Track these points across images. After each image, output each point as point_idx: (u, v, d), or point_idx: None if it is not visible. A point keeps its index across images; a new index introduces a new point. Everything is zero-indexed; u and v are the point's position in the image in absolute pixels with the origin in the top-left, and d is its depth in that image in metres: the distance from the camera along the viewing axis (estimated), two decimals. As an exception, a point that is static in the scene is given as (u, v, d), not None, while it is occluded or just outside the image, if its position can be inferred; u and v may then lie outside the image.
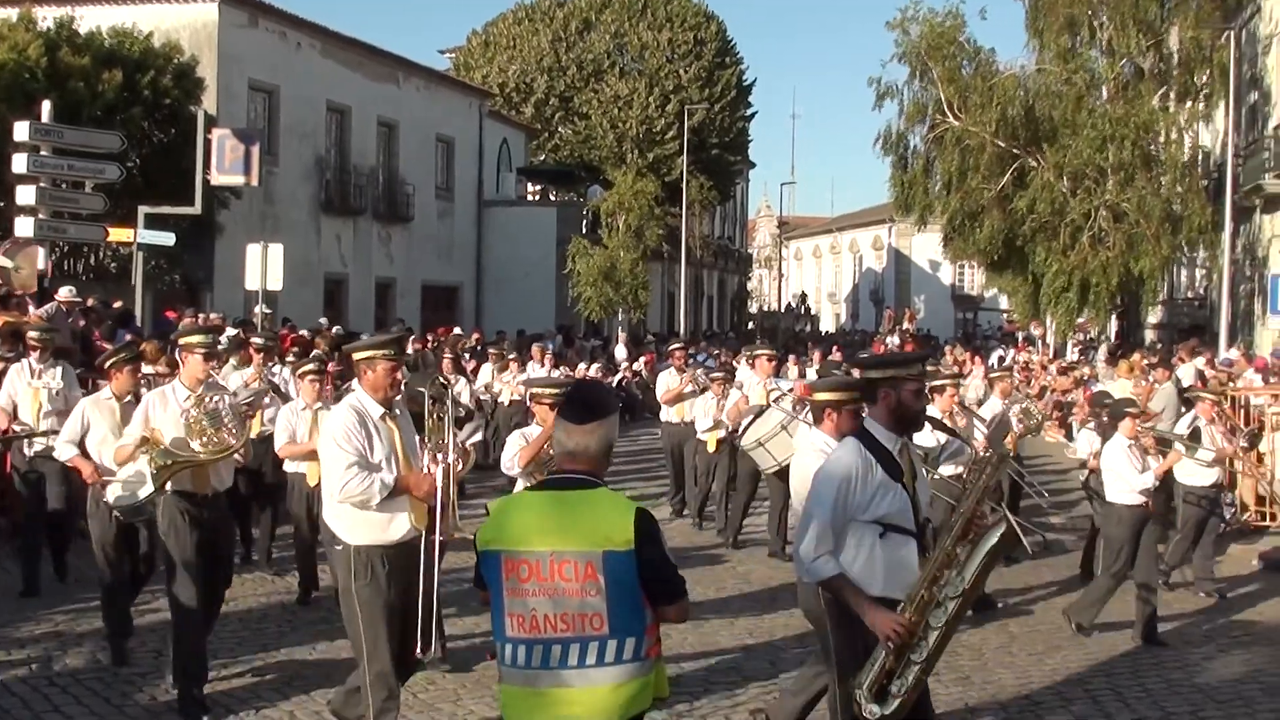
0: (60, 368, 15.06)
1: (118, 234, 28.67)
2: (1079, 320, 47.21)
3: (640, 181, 52.03)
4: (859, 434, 7.52)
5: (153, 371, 19.10)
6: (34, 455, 14.60)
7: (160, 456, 10.18)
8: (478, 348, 34.57)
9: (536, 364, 28.40)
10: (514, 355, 28.10)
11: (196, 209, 30.54)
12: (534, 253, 54.31)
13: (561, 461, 6.04)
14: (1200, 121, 46.26)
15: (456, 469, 9.21)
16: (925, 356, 10.26)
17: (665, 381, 22.05)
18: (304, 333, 30.71)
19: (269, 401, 15.44)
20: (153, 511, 10.91)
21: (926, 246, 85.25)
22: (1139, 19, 43.90)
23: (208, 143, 31.59)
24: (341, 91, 46.78)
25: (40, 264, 25.51)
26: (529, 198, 62.91)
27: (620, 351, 45.32)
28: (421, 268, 51.78)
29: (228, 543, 11.27)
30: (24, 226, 25.21)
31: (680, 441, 21.18)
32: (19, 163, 25.15)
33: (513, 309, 51.27)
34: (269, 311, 31.74)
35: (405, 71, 51.89)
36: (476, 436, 16.67)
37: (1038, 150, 43.74)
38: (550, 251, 53.85)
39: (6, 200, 26.76)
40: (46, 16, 34.60)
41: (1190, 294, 54.91)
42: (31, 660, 11.70)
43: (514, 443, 11.65)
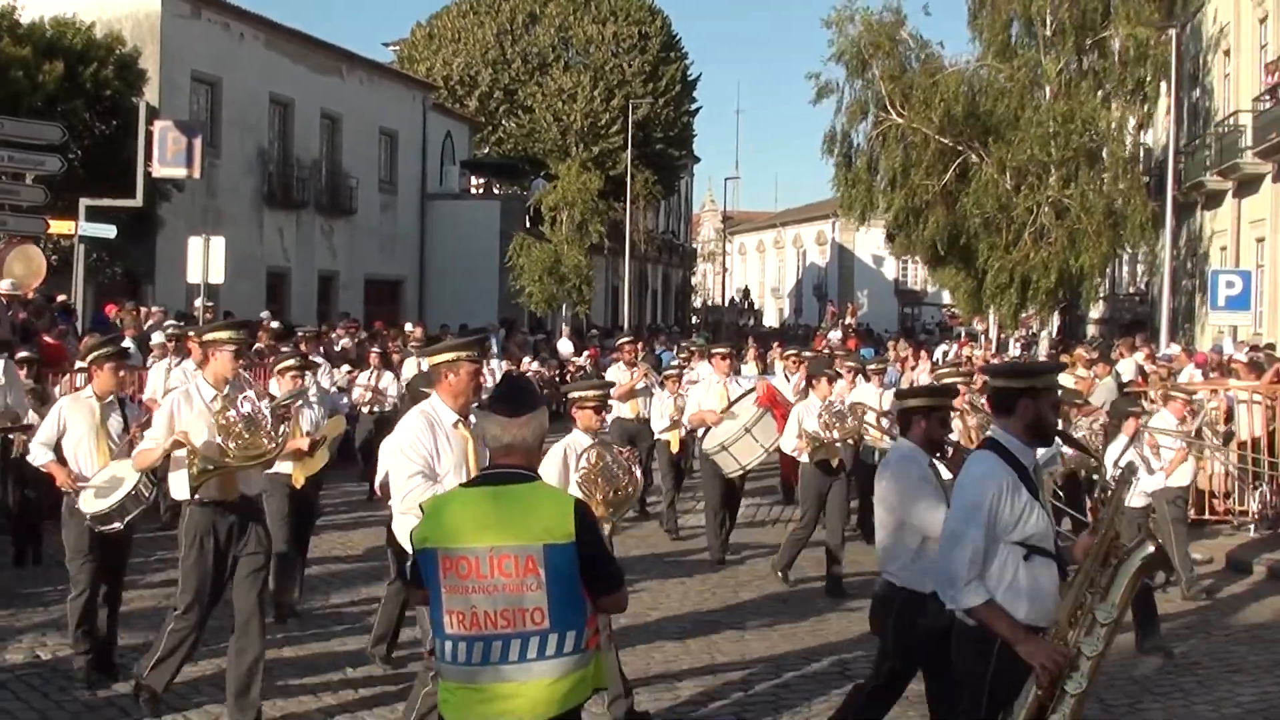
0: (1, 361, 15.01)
1: (59, 226, 28.42)
2: (1022, 316, 47.49)
3: (585, 176, 52.00)
4: (992, 446, 7.10)
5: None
6: None
7: (202, 462, 9.57)
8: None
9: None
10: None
11: (138, 201, 30.32)
12: (477, 246, 54.16)
13: (497, 456, 6.08)
14: (1142, 119, 46.62)
15: None
16: (1060, 367, 9.92)
17: (615, 377, 20.98)
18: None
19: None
20: (131, 517, 10.65)
21: (870, 242, 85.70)
22: (1079, 17, 44.16)
23: (149, 135, 31.40)
24: (285, 84, 46.59)
25: (39, 260, 25.53)
26: (473, 191, 62.76)
27: (564, 346, 45.31)
28: (364, 261, 51.63)
29: (262, 549, 10.14)
30: (-38, 218, 25.08)
31: (632, 438, 19.77)
32: (-42, 154, 25.00)
33: (456, 303, 51.09)
34: (211, 305, 31.62)
35: (349, 64, 51.72)
36: None
37: (981, 147, 43.91)
38: (494, 245, 53.71)
39: (-53, 192, 26.54)
40: (-13, 7, 34.35)
41: (1132, 289, 55.37)
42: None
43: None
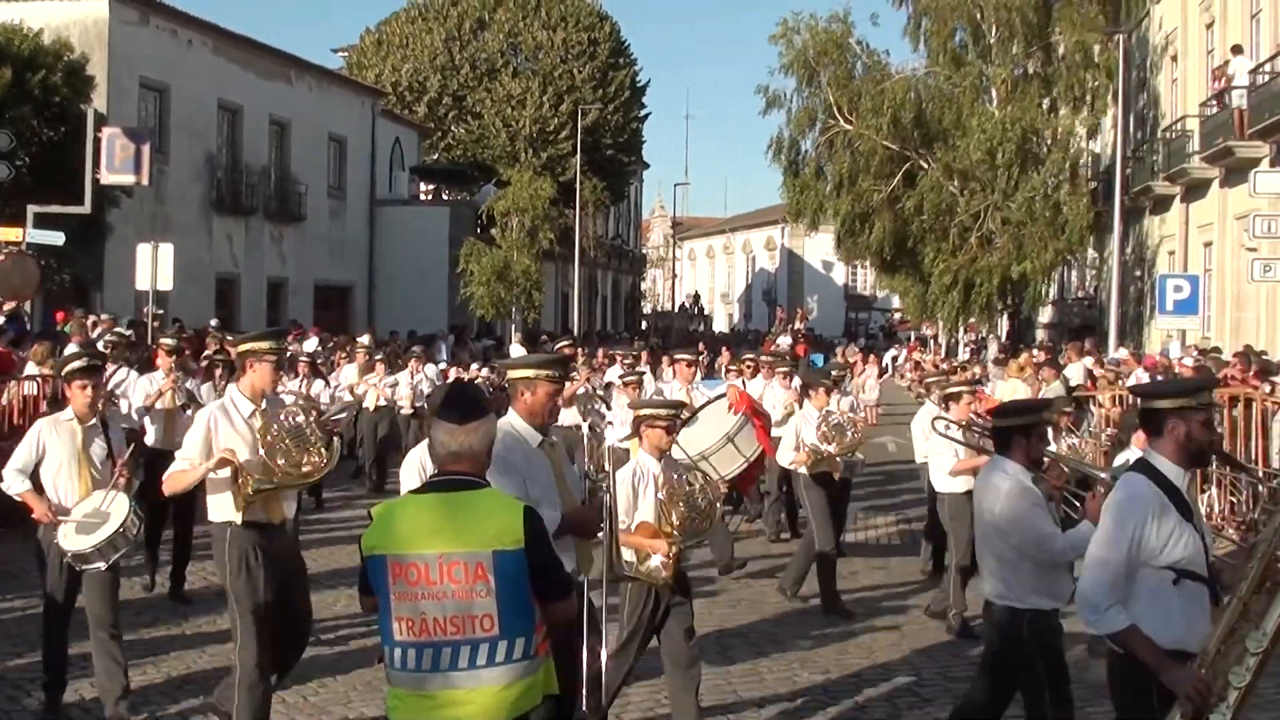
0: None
1: (6, 233, 28.26)
2: (971, 320, 47.78)
3: (537, 182, 52.01)
4: (1143, 468, 6.88)
5: (39, 373, 18.87)
6: None
7: (256, 483, 9.06)
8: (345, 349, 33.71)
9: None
10: (380, 356, 26.76)
11: (86, 208, 30.21)
12: (427, 252, 54.10)
13: (445, 463, 6.07)
14: (1088, 125, 46.94)
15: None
16: (1214, 383, 9.76)
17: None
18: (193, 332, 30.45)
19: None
20: (116, 557, 10.00)
21: (819, 247, 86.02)
22: (1024, 24, 44.44)
23: (98, 141, 31.26)
24: (233, 90, 46.40)
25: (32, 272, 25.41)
26: (422, 197, 62.67)
27: (515, 352, 45.28)
28: (313, 267, 51.47)
29: (302, 575, 9.89)
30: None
31: (571, 447, 19.25)
32: (-95, 160, 24.85)
33: (405, 309, 51.10)
34: (160, 312, 31.49)
35: (297, 70, 51.58)
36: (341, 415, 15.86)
37: (928, 152, 44.18)
38: (443, 251, 53.65)
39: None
40: (-67, 13, 34.15)
41: (1080, 294, 55.72)
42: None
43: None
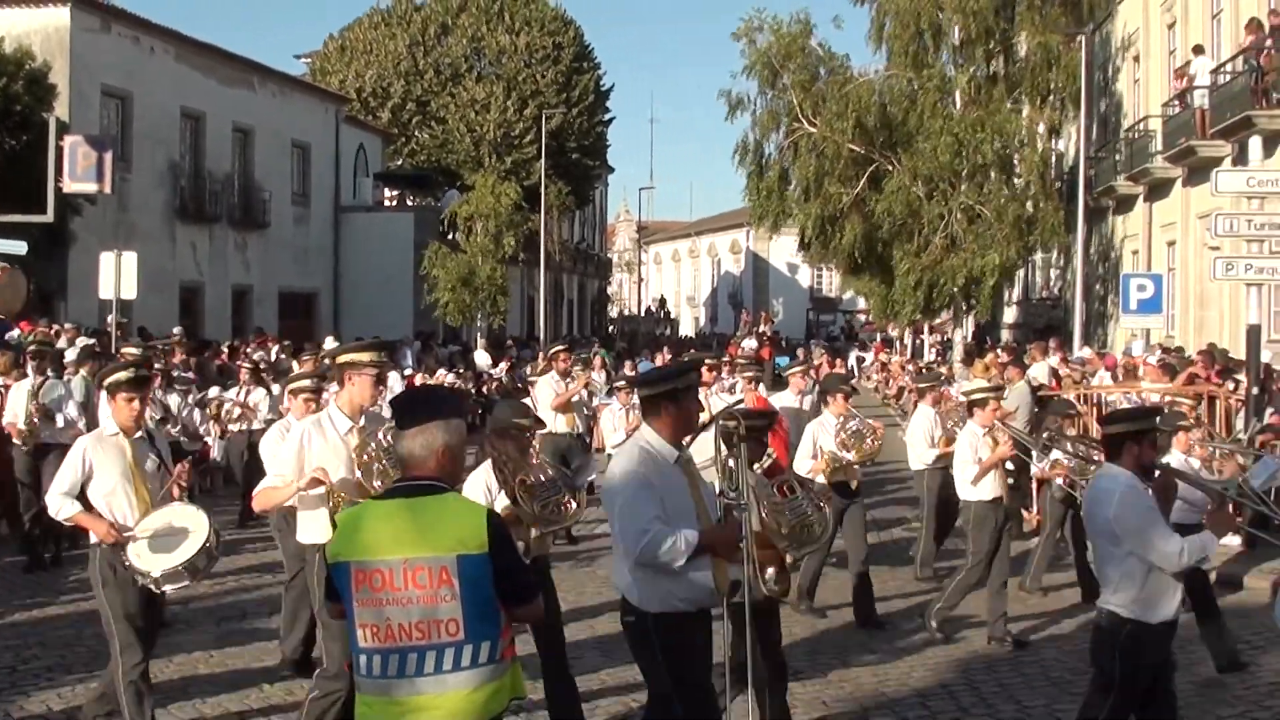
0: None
1: (-23, 245, 28.15)
2: (937, 320, 47.88)
3: (500, 186, 51.92)
4: None
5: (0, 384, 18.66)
6: None
7: (348, 504, 8.53)
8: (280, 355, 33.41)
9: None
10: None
11: (49, 217, 30.00)
12: (391, 258, 53.98)
13: (408, 469, 6.07)
14: (1053, 125, 47.09)
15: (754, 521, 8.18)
16: None
17: (549, 388, 19.74)
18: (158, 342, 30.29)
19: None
20: (201, 572, 9.51)
21: (784, 250, 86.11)
22: (986, 26, 44.56)
23: (60, 149, 31.04)
24: (196, 97, 46.24)
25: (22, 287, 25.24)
26: (386, 203, 62.52)
27: (480, 357, 45.22)
28: (278, 275, 51.31)
29: None
30: None
31: (563, 452, 18.47)
32: None
33: (371, 315, 50.95)
34: (124, 320, 31.32)
35: (260, 77, 51.44)
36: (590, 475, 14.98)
37: (893, 155, 44.25)
38: (408, 257, 53.51)
39: None
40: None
41: (1045, 294, 55.92)
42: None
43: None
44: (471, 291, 49.79)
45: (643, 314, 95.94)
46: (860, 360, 48.57)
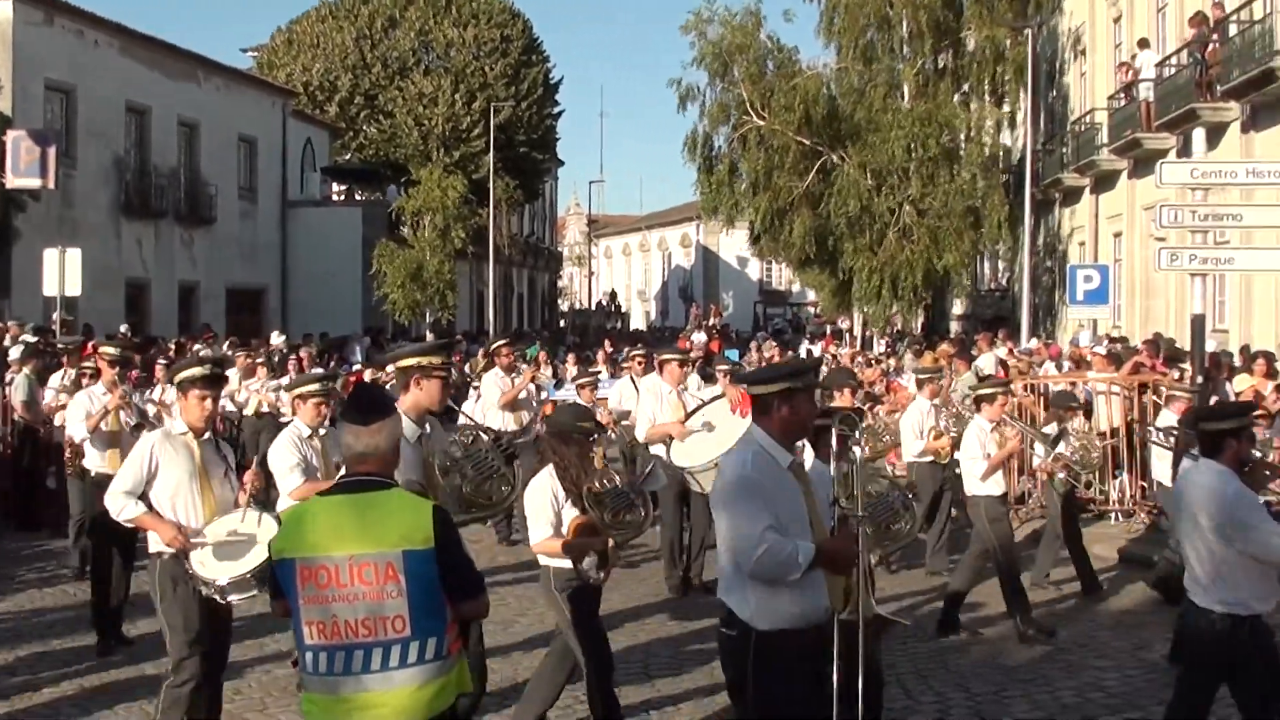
0: None
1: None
2: (891, 313, 48.03)
3: (448, 180, 51.76)
4: None
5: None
6: None
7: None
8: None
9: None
10: (261, 359, 25.55)
11: (-9, 213, 29.84)
12: (340, 253, 53.80)
13: (352, 465, 6.05)
14: (1001, 118, 47.31)
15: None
16: None
17: (494, 384, 18.86)
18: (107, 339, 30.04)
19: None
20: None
21: (734, 244, 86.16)
22: (934, 20, 44.71)
23: (2, 144, 30.90)
24: (141, 91, 45.90)
25: None
26: (334, 198, 62.24)
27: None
28: (225, 270, 50.99)
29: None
30: None
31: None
32: None
33: (319, 311, 50.70)
34: (70, 318, 31.10)
35: (206, 70, 51.10)
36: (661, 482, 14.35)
37: (842, 149, 44.34)
38: (356, 252, 53.36)
39: None
40: None
41: (994, 286, 56.17)
42: None
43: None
44: (420, 286, 49.65)
45: (594, 308, 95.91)
46: (809, 353, 48.42)
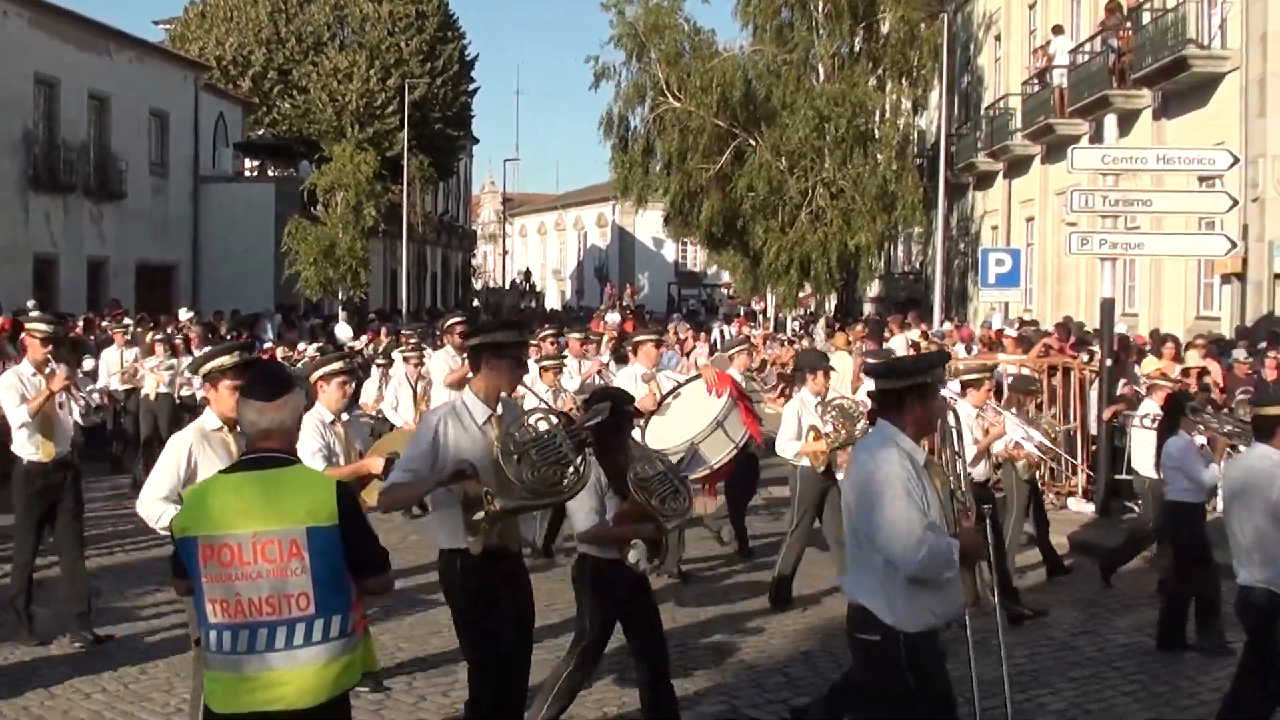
0: None
1: None
2: (801, 295, 48.23)
3: (360, 156, 51.44)
4: None
5: None
6: None
7: (501, 500, 7.61)
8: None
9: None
10: (159, 336, 24.05)
11: (-106, 186, 29.38)
12: (252, 230, 53.26)
13: (256, 441, 6.01)
14: (915, 101, 47.62)
15: None
16: None
17: (445, 363, 18.03)
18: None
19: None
20: None
21: (650, 224, 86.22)
22: (849, 3, 44.89)
23: (-94, 117, 30.39)
24: (50, 63, 45.18)
25: None
26: (246, 174, 61.65)
27: (342, 330, 44.73)
28: (136, 247, 50.38)
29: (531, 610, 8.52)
30: None
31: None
32: None
33: (231, 288, 50.16)
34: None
35: (117, 43, 50.39)
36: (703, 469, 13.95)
37: (756, 130, 44.46)
38: (269, 229, 52.87)
39: None
40: None
41: (907, 268, 56.56)
42: None
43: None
44: (333, 264, 49.34)
45: (508, 287, 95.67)
46: (722, 333, 48.59)
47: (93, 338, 26.18)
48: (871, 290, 54.89)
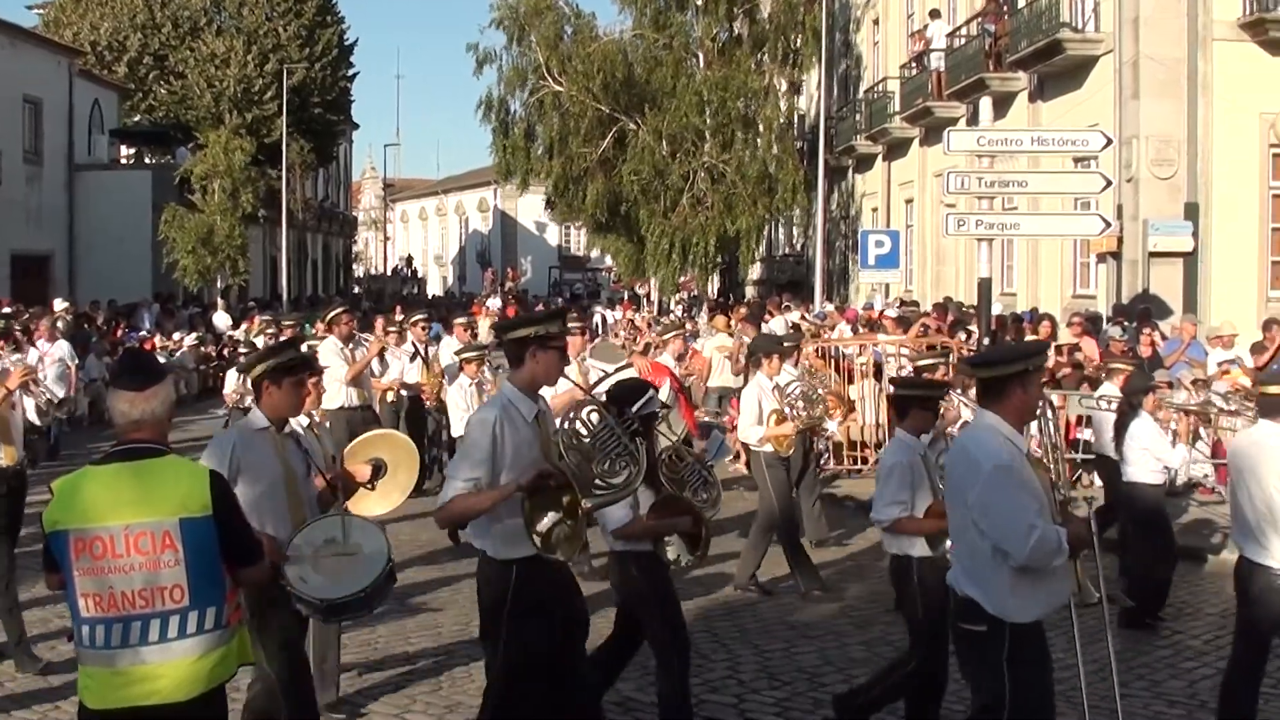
0: None
1: None
2: (682, 279, 48.39)
3: (235, 142, 50.92)
4: None
5: None
6: None
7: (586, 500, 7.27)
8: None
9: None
10: (19, 327, 22.89)
11: None
12: (128, 218, 52.46)
13: (127, 431, 5.94)
14: (795, 83, 47.91)
15: None
16: None
17: (333, 354, 16.98)
18: None
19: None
20: (381, 600, 7.93)
21: (532, 208, 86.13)
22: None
23: None
24: (-83, 49, 44.40)
25: None
26: (123, 161, 60.75)
27: (220, 319, 44.30)
28: (9, 236, 49.45)
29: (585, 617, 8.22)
30: None
31: (355, 431, 14.67)
32: None
33: (108, 277, 49.44)
34: None
35: (-12, 28, 49.59)
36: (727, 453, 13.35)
37: (638, 114, 44.52)
38: (145, 217, 52.09)
39: None
40: None
41: (789, 251, 56.89)
42: None
43: None
44: (211, 252, 48.85)
45: (390, 273, 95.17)
46: (604, 318, 48.75)
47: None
48: (753, 273, 55.16)
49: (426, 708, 10.20)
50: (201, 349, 36.80)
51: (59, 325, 25.58)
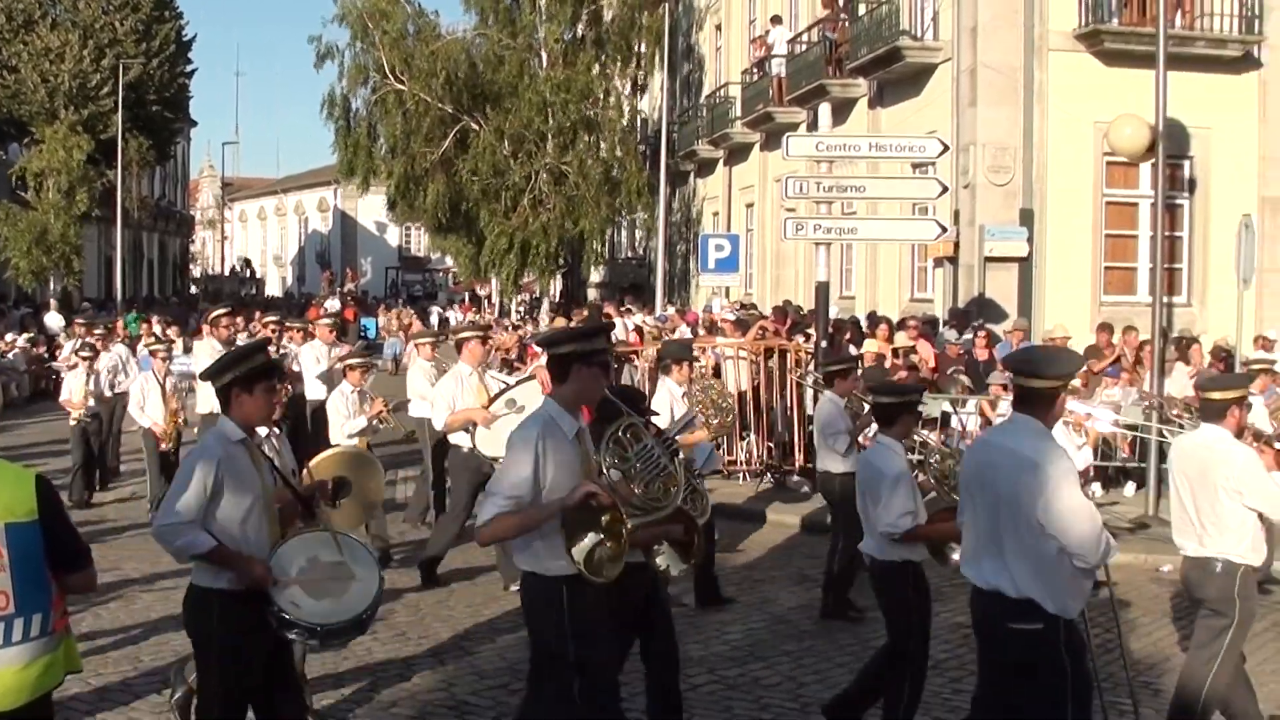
0: None
1: None
2: (523, 281, 48.40)
3: (74, 140, 50.00)
4: None
5: None
6: None
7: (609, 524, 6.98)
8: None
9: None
10: None
11: None
12: (-41, 216, 51.40)
13: None
14: (638, 88, 48.12)
15: None
16: None
17: (210, 357, 15.36)
18: None
19: None
20: (370, 622, 7.59)
21: (373, 208, 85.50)
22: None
23: None
24: None
25: None
26: (-47, 157, 59.45)
27: (53, 320, 43.41)
28: None
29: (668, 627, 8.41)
30: None
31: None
32: None
33: (-63, 276, 48.47)
34: None
35: None
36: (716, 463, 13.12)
37: (481, 115, 44.44)
38: (-22, 214, 51.08)
39: None
40: None
41: (631, 254, 57.09)
42: None
43: None
44: (45, 251, 47.98)
45: (227, 274, 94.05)
46: (444, 319, 48.66)
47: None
48: (596, 276, 55.29)
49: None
50: (33, 350, 36.05)
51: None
